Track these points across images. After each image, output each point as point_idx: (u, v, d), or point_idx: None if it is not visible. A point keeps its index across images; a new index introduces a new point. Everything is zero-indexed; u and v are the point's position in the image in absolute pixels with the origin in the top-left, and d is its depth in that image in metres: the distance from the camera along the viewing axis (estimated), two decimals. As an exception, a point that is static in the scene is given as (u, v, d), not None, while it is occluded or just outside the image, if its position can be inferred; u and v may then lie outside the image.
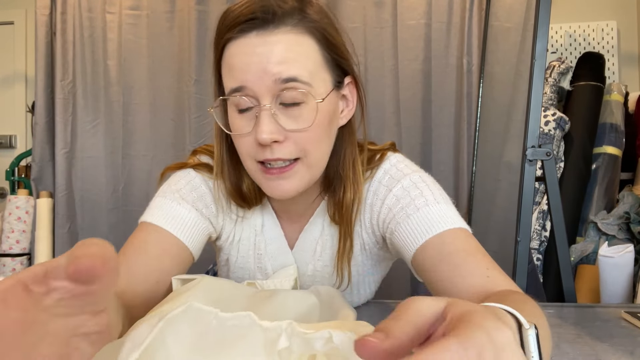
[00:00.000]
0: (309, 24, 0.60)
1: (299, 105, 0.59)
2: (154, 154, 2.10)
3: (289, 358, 0.37)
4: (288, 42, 0.58)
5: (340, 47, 0.64)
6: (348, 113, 0.68)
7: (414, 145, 1.96)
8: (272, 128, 0.58)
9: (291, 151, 0.60)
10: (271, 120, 0.58)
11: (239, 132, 0.62)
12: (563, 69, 2.13)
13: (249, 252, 0.76)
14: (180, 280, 0.61)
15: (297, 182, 0.63)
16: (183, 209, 0.68)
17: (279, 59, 0.57)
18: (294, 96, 0.58)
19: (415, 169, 0.71)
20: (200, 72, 2.06)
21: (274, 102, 0.59)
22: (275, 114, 0.59)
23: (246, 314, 0.37)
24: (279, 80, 0.57)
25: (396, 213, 0.66)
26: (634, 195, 1.96)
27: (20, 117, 2.72)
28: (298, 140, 0.60)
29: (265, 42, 0.57)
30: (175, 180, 0.72)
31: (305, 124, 0.59)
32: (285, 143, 0.60)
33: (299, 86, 0.58)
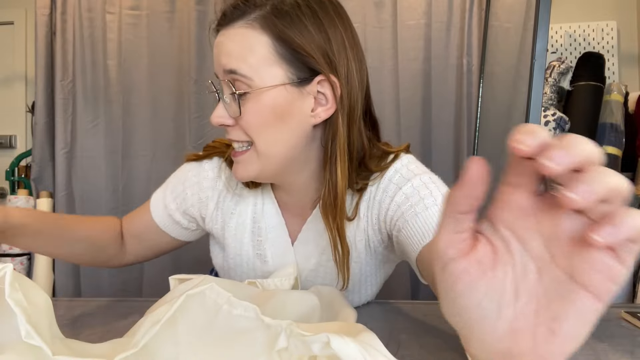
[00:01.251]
0: (264, 21, 0.63)
1: (244, 95, 0.63)
2: (154, 154, 2.11)
3: (289, 358, 0.37)
4: (236, 36, 0.63)
5: (302, 44, 0.62)
6: (325, 112, 0.65)
7: (414, 145, 1.96)
8: (219, 112, 0.66)
9: (239, 134, 0.66)
10: (221, 105, 0.66)
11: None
12: (563, 69, 2.13)
13: (244, 239, 0.77)
14: (177, 280, 0.61)
15: (246, 168, 0.68)
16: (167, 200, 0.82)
17: (225, 52, 0.64)
18: (237, 86, 0.63)
19: (425, 170, 0.72)
20: (200, 72, 2.06)
21: (227, 90, 0.65)
22: (226, 100, 0.65)
23: (253, 307, 0.38)
24: (225, 72, 0.63)
25: (404, 211, 0.66)
26: (634, 195, 1.96)
27: (20, 117, 2.72)
28: (242, 126, 0.65)
29: (226, 35, 0.64)
30: (176, 171, 0.85)
31: (244, 112, 0.64)
32: (236, 127, 0.66)
33: (239, 78, 0.63)
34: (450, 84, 1.98)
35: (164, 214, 0.82)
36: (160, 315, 0.36)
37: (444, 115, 1.98)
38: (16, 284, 0.36)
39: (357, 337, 0.35)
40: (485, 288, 0.28)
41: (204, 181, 0.79)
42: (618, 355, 0.59)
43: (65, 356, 0.35)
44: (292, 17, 0.62)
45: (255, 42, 0.62)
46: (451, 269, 0.29)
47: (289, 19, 0.62)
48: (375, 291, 0.84)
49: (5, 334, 0.36)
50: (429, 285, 0.62)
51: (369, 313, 0.78)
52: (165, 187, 0.84)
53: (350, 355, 0.32)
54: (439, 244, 0.29)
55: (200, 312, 0.39)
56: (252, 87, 0.62)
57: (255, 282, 0.69)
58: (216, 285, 0.40)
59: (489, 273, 0.28)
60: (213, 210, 0.79)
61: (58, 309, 0.77)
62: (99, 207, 2.11)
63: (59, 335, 0.42)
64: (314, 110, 0.66)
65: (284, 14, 0.62)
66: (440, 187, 0.68)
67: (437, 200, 0.65)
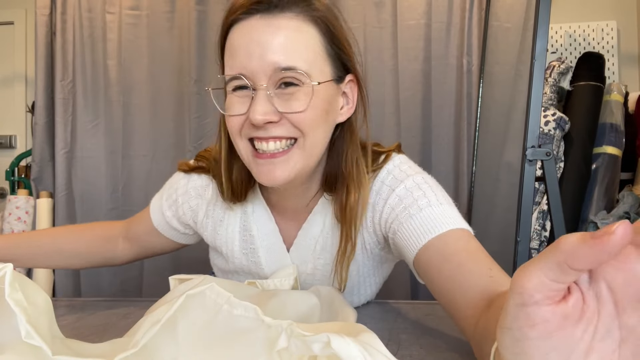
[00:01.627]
0: (313, 13, 0.62)
1: (295, 87, 0.60)
2: (154, 154, 2.10)
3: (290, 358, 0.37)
4: (289, 29, 0.60)
5: (343, 42, 0.65)
6: (347, 111, 0.69)
7: (414, 145, 1.96)
8: (266, 109, 0.60)
9: (287, 129, 0.61)
10: (266, 101, 0.60)
11: (232, 113, 0.63)
12: (563, 69, 2.13)
13: (234, 242, 0.77)
14: (177, 280, 0.61)
15: (290, 168, 0.63)
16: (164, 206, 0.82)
17: (278, 47, 0.59)
18: (291, 81, 0.60)
19: (418, 171, 0.71)
20: (200, 72, 2.06)
21: (271, 86, 0.60)
22: (271, 95, 0.60)
23: (253, 307, 0.38)
24: (278, 69, 0.59)
25: (399, 213, 0.66)
26: (634, 195, 1.96)
27: (20, 117, 2.72)
28: (294, 121, 0.61)
29: (269, 25, 0.59)
30: (170, 179, 0.85)
31: (300, 107, 0.60)
32: (281, 122, 0.61)
33: (296, 75, 0.60)
34: (450, 84, 1.97)
35: (162, 220, 0.83)
36: (160, 315, 0.36)
37: (444, 115, 1.98)
38: (16, 284, 0.36)
39: (357, 337, 0.35)
40: (559, 342, 0.27)
41: (192, 190, 0.79)
42: (618, 355, 0.58)
43: (65, 356, 0.35)
44: (335, 16, 0.64)
45: (309, 37, 0.61)
46: (531, 312, 0.26)
47: (334, 17, 0.64)
48: (374, 291, 0.84)
49: (5, 334, 0.36)
50: (427, 286, 0.62)
51: (369, 313, 0.78)
52: (162, 195, 0.84)
53: (351, 355, 0.32)
54: (526, 282, 0.26)
55: (200, 312, 0.39)
56: (304, 82, 0.60)
57: (255, 282, 0.69)
58: (216, 285, 0.40)
59: (569, 329, 0.27)
60: (203, 218, 0.79)
61: (58, 309, 0.77)
62: (99, 207, 2.11)
63: (59, 335, 0.42)
64: (341, 109, 0.68)
65: (329, 12, 0.64)
66: (433, 187, 0.68)
67: (430, 201, 0.65)
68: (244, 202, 0.75)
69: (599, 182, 2.03)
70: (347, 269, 0.71)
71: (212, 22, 2.06)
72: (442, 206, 0.64)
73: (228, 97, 0.64)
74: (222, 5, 2.05)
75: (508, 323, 0.28)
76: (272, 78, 0.60)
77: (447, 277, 0.57)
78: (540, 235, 1.97)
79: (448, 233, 0.60)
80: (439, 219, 0.62)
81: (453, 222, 0.62)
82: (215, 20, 2.06)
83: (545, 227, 1.98)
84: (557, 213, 1.17)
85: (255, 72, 0.59)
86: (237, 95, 0.62)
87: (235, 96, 0.62)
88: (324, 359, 0.36)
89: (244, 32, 0.60)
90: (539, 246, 1.97)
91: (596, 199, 2.02)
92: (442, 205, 0.64)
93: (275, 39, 0.59)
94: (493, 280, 0.53)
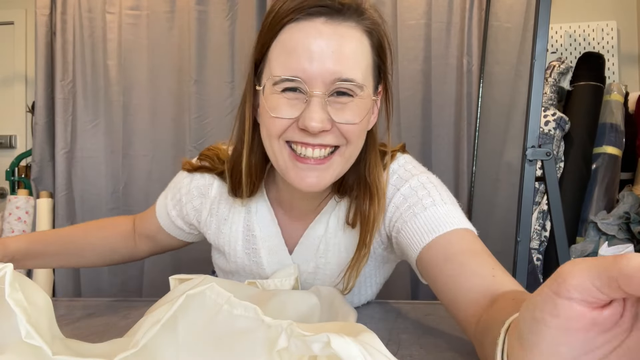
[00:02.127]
0: (369, 25, 0.62)
1: (348, 97, 0.60)
2: (154, 154, 2.10)
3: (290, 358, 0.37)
4: (352, 39, 0.60)
5: (386, 53, 0.66)
6: (373, 119, 0.70)
7: (414, 145, 1.96)
8: (322, 116, 0.58)
9: (335, 138, 0.61)
10: (323, 108, 0.59)
11: (281, 115, 0.60)
12: (563, 69, 2.13)
13: (237, 241, 0.77)
14: (177, 280, 0.61)
15: (329, 175, 0.63)
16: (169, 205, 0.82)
17: (341, 56, 0.58)
18: (345, 92, 0.60)
19: (422, 170, 0.72)
20: (200, 72, 2.06)
21: (326, 93, 0.59)
22: (326, 103, 0.59)
23: (253, 307, 0.38)
24: (337, 79, 0.58)
25: (403, 212, 0.66)
26: (634, 195, 1.96)
27: (20, 117, 2.72)
28: (343, 130, 0.61)
29: (334, 32, 0.58)
30: (174, 178, 0.84)
31: (355, 119, 0.60)
32: (331, 132, 0.61)
33: (352, 87, 0.60)
34: (450, 84, 1.97)
35: (168, 220, 0.83)
36: (160, 315, 0.36)
37: (444, 115, 1.98)
38: (16, 284, 0.36)
39: (357, 337, 0.35)
40: (576, 341, 0.26)
41: (195, 190, 0.79)
42: (618, 355, 0.58)
43: (65, 356, 0.35)
44: (385, 28, 0.65)
45: (365, 49, 0.62)
46: (560, 304, 0.26)
47: (383, 29, 0.65)
48: (375, 291, 0.84)
49: (5, 334, 0.36)
50: (429, 285, 0.62)
51: (369, 313, 0.78)
52: (166, 194, 0.84)
53: (351, 355, 0.32)
54: (570, 278, 0.25)
55: (200, 312, 0.39)
56: (358, 95, 0.60)
57: (255, 282, 0.69)
58: (216, 285, 0.40)
59: (592, 334, 0.26)
60: (207, 217, 0.79)
61: (58, 309, 0.77)
62: (99, 207, 2.11)
63: (59, 335, 0.42)
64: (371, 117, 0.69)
65: (378, 21, 0.64)
66: (438, 186, 0.68)
67: (435, 200, 0.65)
68: (249, 200, 0.75)
69: (599, 182, 2.03)
70: (358, 274, 0.71)
71: (212, 22, 2.07)
72: (447, 206, 0.64)
73: (272, 97, 0.61)
74: (223, 5, 2.06)
75: (536, 301, 0.28)
76: (329, 86, 0.59)
77: (449, 276, 0.57)
78: (540, 235, 1.97)
79: (452, 232, 0.61)
80: (443, 219, 0.62)
81: (457, 221, 0.62)
82: (215, 20, 2.06)
83: (545, 227, 1.98)
84: (557, 213, 1.17)
85: (314, 77, 0.58)
86: (286, 97, 0.60)
87: (283, 98, 0.60)
88: (324, 359, 0.36)
89: (306, 33, 0.58)
90: (539, 246, 1.97)
91: (596, 199, 2.02)
92: (446, 205, 0.64)
93: (340, 48, 0.58)
94: (496, 281, 0.53)
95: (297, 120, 0.59)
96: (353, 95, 0.60)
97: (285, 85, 0.60)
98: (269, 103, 0.61)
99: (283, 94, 0.60)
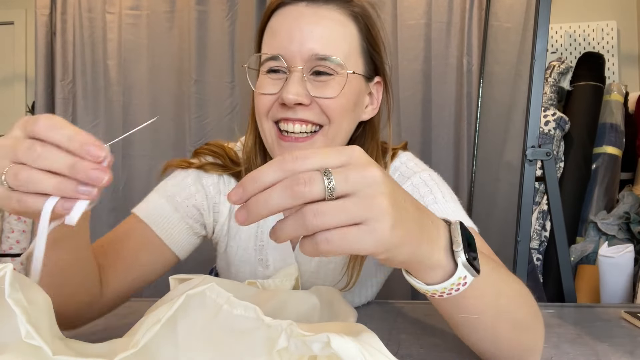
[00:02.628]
0: (354, 9, 0.64)
1: (328, 76, 0.62)
2: (154, 154, 2.10)
3: (290, 358, 0.37)
4: (332, 21, 0.62)
5: (377, 42, 0.67)
6: (372, 111, 0.70)
7: (414, 145, 1.96)
8: (299, 90, 0.61)
9: (315, 114, 0.62)
10: (300, 83, 0.61)
11: (264, 92, 0.63)
12: (563, 69, 2.13)
13: (249, 244, 0.76)
14: (177, 280, 0.61)
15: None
16: (169, 207, 0.71)
17: (319, 36, 0.61)
18: (325, 69, 0.62)
19: (424, 167, 0.72)
20: (200, 72, 2.06)
21: (306, 70, 0.62)
22: (305, 79, 0.61)
23: (253, 307, 0.38)
24: (315, 56, 0.61)
25: None
26: (634, 195, 1.96)
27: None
28: (323, 107, 0.62)
29: (314, 14, 0.61)
30: (170, 179, 0.75)
31: (332, 93, 0.62)
32: (310, 106, 0.62)
33: (331, 65, 0.61)
34: (450, 84, 1.97)
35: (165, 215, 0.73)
36: (160, 315, 0.36)
37: (444, 115, 1.98)
38: (16, 284, 0.36)
39: (357, 337, 0.35)
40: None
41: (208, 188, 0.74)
42: (618, 355, 0.59)
43: (65, 356, 0.35)
44: (373, 17, 0.67)
45: (347, 32, 0.64)
46: None
47: (372, 17, 0.67)
48: (375, 291, 0.84)
49: (5, 334, 0.36)
50: None
51: (369, 313, 0.78)
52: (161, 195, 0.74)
53: (351, 355, 0.32)
54: None
55: (200, 312, 0.39)
56: (338, 73, 0.62)
57: (255, 282, 0.69)
58: (216, 285, 0.40)
59: None
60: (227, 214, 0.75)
61: (58, 309, 0.76)
62: (99, 207, 2.11)
63: (59, 335, 0.42)
64: (366, 107, 0.70)
65: (368, 11, 0.66)
66: (439, 184, 0.69)
67: (436, 198, 0.65)
68: None
69: (599, 182, 2.03)
70: (360, 268, 0.71)
71: (212, 22, 2.07)
72: (448, 204, 0.65)
73: (261, 78, 0.65)
74: (222, 5, 2.06)
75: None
76: (308, 64, 0.61)
77: None
78: (540, 235, 1.97)
79: None
80: (443, 217, 0.62)
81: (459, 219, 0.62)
82: (215, 20, 2.06)
83: (545, 227, 1.98)
84: (557, 213, 1.17)
85: (293, 55, 0.61)
86: (270, 77, 0.64)
87: (268, 77, 0.64)
88: (324, 359, 0.36)
89: (289, 16, 0.62)
90: (539, 246, 1.97)
91: (596, 199, 2.02)
92: (447, 203, 0.65)
93: (318, 28, 0.61)
94: None
95: (277, 97, 0.63)
96: (333, 74, 0.62)
97: (270, 65, 0.63)
98: (258, 82, 0.65)
99: (268, 74, 0.64)
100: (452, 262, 0.39)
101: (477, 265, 0.39)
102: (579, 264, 1.95)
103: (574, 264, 1.94)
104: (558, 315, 0.79)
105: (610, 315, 0.78)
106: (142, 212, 0.72)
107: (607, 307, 0.85)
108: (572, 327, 0.71)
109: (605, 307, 0.88)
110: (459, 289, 0.39)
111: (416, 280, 0.40)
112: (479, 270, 0.39)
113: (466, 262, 0.38)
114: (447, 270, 0.39)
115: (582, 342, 0.64)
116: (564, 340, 0.65)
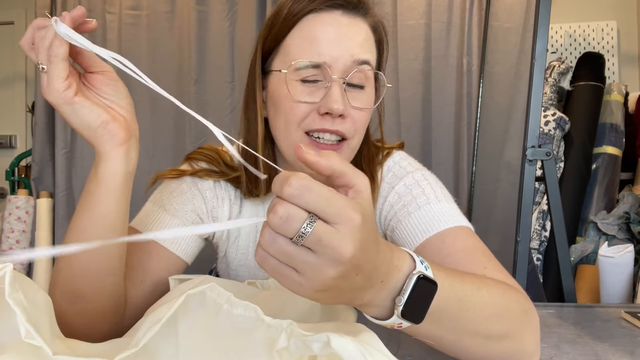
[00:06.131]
0: (373, 23, 0.66)
1: (362, 88, 0.63)
2: (154, 154, 2.10)
3: (290, 358, 0.37)
4: (364, 31, 0.64)
5: (384, 52, 0.69)
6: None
7: (414, 145, 1.96)
8: (344, 99, 0.60)
9: (348, 128, 0.62)
10: (343, 93, 0.61)
11: (300, 99, 0.61)
12: (563, 69, 2.13)
13: (248, 249, 0.76)
14: (177, 280, 0.61)
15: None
16: (166, 215, 0.70)
17: (361, 42, 0.62)
18: (361, 78, 0.63)
19: (418, 167, 0.72)
20: (200, 72, 2.06)
21: (344, 78, 0.61)
22: (345, 89, 0.61)
23: (253, 306, 0.38)
24: (357, 61, 0.61)
25: (398, 210, 0.66)
26: (634, 195, 1.96)
27: (20, 117, 2.72)
28: (356, 119, 0.63)
29: (351, 23, 0.62)
30: (163, 187, 0.74)
31: (368, 105, 0.64)
32: (347, 119, 0.62)
33: (367, 72, 0.63)
34: (450, 84, 1.97)
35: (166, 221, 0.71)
36: (160, 315, 0.36)
37: (444, 115, 1.98)
38: (16, 284, 0.36)
39: (357, 337, 0.35)
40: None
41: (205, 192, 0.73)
42: (618, 355, 0.59)
43: (65, 356, 0.35)
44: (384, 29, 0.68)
45: (371, 43, 0.65)
46: None
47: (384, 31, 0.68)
48: (375, 291, 0.84)
49: (5, 333, 0.36)
50: None
51: (369, 313, 0.78)
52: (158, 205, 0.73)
53: (351, 355, 0.32)
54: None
55: (200, 312, 0.39)
56: (368, 85, 0.64)
57: (255, 282, 0.69)
58: (216, 285, 0.40)
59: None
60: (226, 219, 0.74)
61: (58, 308, 0.76)
62: (99, 207, 2.11)
63: (59, 334, 0.42)
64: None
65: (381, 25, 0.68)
66: (432, 184, 0.68)
67: (429, 199, 0.65)
68: (257, 203, 0.73)
69: (599, 182, 2.03)
70: None
71: (212, 22, 2.07)
72: (441, 204, 0.64)
73: (293, 85, 0.61)
74: (222, 5, 2.06)
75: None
76: (346, 70, 0.61)
77: None
78: (540, 235, 1.97)
79: (445, 232, 0.61)
80: (436, 217, 0.62)
81: (451, 220, 0.62)
82: (215, 20, 2.06)
83: (545, 227, 1.98)
84: (557, 213, 1.17)
85: (337, 60, 0.60)
86: (305, 86, 0.61)
87: (303, 86, 0.61)
88: (324, 359, 0.36)
89: (327, 24, 0.61)
90: (539, 246, 1.97)
91: (596, 199, 2.02)
92: (440, 203, 0.64)
93: (357, 36, 0.62)
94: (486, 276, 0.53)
95: (316, 107, 0.61)
96: (364, 86, 0.63)
97: (306, 74, 0.61)
98: (291, 89, 0.61)
99: (302, 83, 0.62)
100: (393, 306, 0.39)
101: (418, 315, 0.39)
102: (579, 264, 1.95)
103: (574, 264, 1.94)
104: (558, 315, 0.79)
105: (610, 315, 0.78)
106: (140, 225, 0.70)
107: (607, 307, 0.85)
108: (572, 327, 0.71)
109: (605, 307, 0.88)
110: (401, 327, 0.40)
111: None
112: (419, 320, 0.39)
113: (400, 314, 0.38)
114: (389, 310, 0.39)
115: (582, 342, 0.64)
116: (564, 340, 0.65)
